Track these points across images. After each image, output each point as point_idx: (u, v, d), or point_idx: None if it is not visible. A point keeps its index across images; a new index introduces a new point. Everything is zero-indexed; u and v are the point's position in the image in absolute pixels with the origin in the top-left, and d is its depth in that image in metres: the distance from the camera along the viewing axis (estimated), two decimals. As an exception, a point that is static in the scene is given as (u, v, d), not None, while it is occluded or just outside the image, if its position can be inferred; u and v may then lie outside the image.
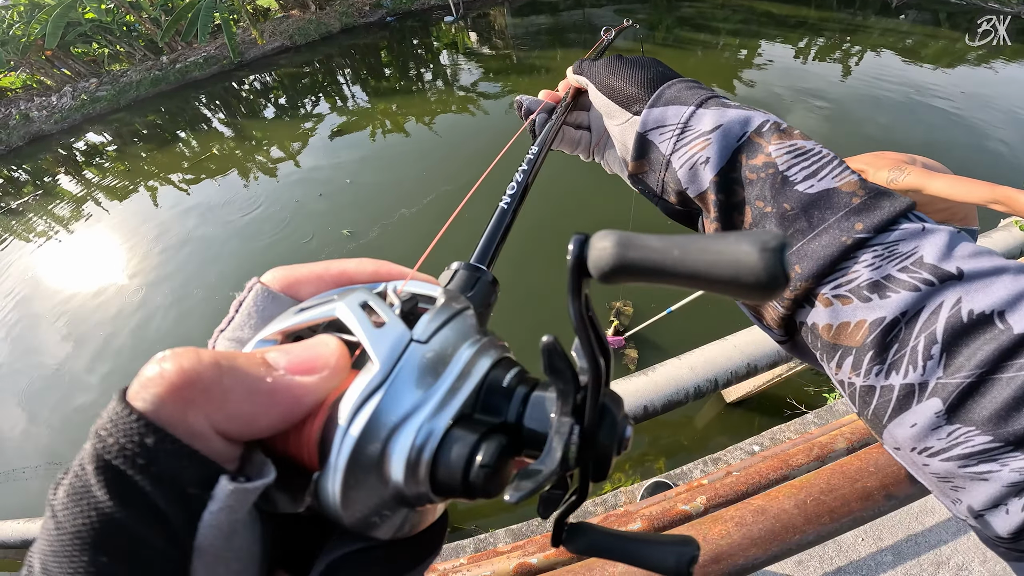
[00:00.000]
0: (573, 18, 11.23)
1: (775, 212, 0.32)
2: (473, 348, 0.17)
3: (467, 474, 0.15)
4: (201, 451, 0.14)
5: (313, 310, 0.18)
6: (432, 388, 0.16)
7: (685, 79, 0.40)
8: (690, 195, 0.37)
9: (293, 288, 0.21)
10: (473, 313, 0.19)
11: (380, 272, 0.22)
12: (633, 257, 0.14)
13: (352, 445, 0.15)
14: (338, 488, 0.15)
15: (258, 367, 0.15)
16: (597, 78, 0.44)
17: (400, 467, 0.15)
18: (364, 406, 0.15)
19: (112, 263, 5.68)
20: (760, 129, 0.34)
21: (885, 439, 0.30)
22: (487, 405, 0.17)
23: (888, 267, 0.28)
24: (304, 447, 0.16)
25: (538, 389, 0.17)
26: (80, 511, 0.12)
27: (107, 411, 0.14)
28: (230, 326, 0.21)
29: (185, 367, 0.14)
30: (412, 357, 0.16)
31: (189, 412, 0.14)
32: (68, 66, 11.55)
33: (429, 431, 0.15)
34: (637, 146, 0.39)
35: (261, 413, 0.15)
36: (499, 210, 0.32)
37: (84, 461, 0.13)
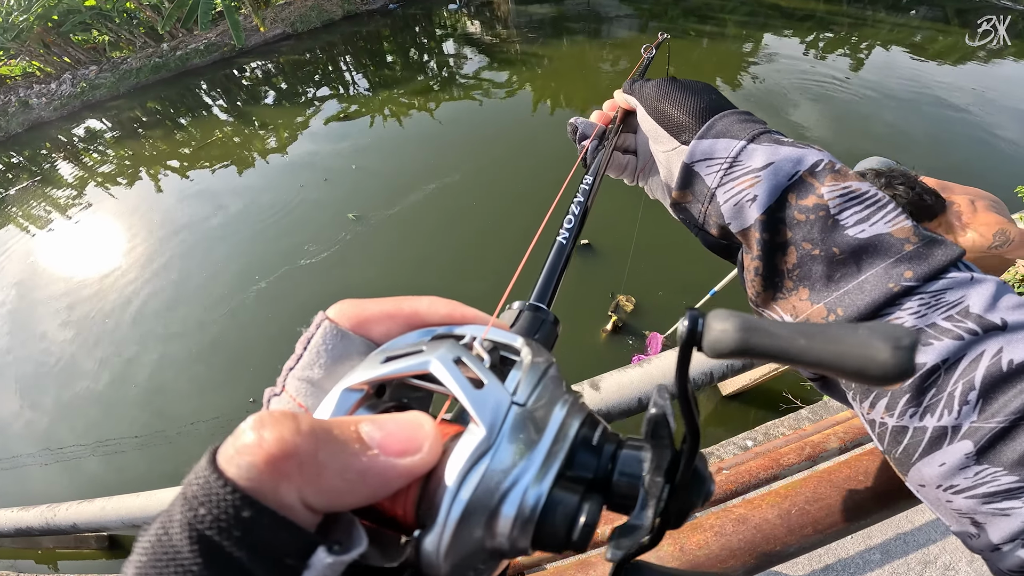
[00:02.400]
0: (577, 8, 11.08)
1: (823, 255, 0.32)
2: (565, 408, 0.18)
3: (570, 533, 0.16)
4: (296, 523, 0.13)
5: (402, 362, 0.18)
6: (534, 450, 0.17)
7: (738, 111, 0.39)
8: (732, 230, 0.37)
9: (363, 327, 0.21)
10: (556, 368, 0.19)
11: (454, 315, 0.21)
12: (756, 343, 0.14)
13: (463, 508, 0.15)
14: (444, 547, 0.15)
15: (353, 443, 0.15)
16: (647, 101, 0.43)
17: (507, 528, 0.16)
18: (473, 470, 0.16)
19: (111, 249, 5.68)
20: (813, 169, 0.34)
21: (910, 476, 0.30)
22: (578, 462, 0.18)
23: (933, 315, 0.29)
24: (398, 505, 0.16)
25: (625, 447, 0.18)
26: (168, 572, 0.12)
27: (198, 474, 0.13)
28: (299, 365, 0.20)
29: (286, 438, 0.13)
30: (513, 420, 0.17)
31: (282, 484, 0.13)
32: (68, 53, 11.47)
33: (537, 494, 0.16)
34: (682, 176, 0.39)
35: (350, 491, 0.15)
36: (557, 245, 0.31)
37: (170, 526, 0.13)
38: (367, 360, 0.19)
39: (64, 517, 2.46)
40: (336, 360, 0.20)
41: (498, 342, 0.20)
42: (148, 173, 7.06)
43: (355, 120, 7.34)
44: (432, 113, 7.18)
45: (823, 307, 0.33)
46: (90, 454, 3.73)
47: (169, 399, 3.97)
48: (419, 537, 0.15)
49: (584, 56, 8.77)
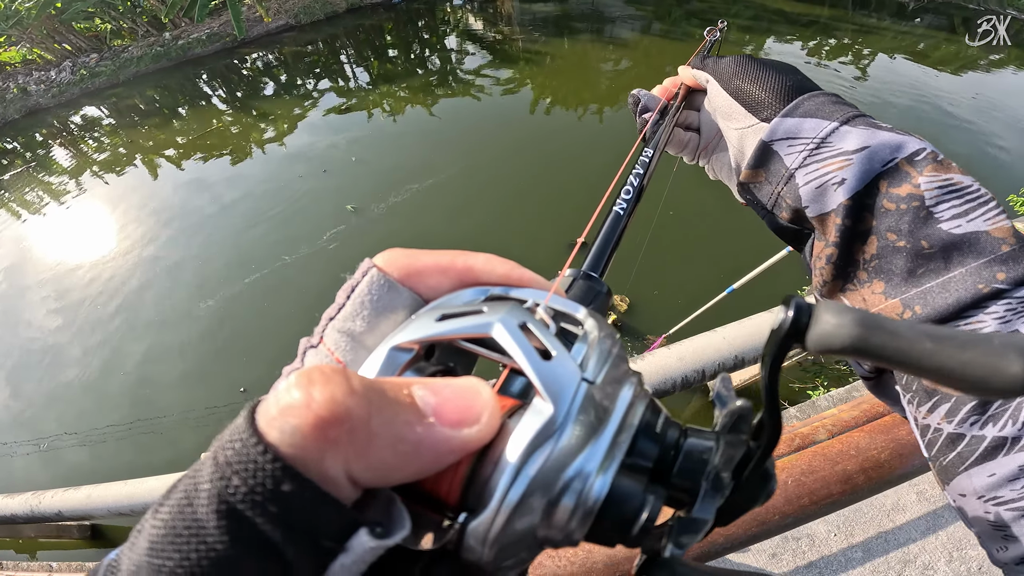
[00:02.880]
0: (581, 7, 11.08)
1: (909, 248, 0.31)
2: (631, 391, 0.16)
3: (631, 527, 0.15)
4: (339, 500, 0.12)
5: (459, 321, 0.17)
6: (601, 435, 0.15)
7: (826, 92, 0.38)
8: (808, 214, 0.35)
9: (413, 279, 0.19)
10: (620, 345, 0.18)
11: (511, 276, 0.20)
12: (876, 342, 0.13)
13: (522, 492, 0.14)
14: (495, 532, 0.14)
15: (407, 410, 0.13)
16: (723, 77, 0.41)
17: (565, 518, 0.15)
18: (538, 451, 0.14)
19: (103, 236, 5.64)
20: (913, 157, 0.32)
21: (953, 484, 0.29)
22: (638, 449, 0.16)
23: (1018, 322, 0.27)
24: (442, 483, 0.15)
25: (689, 436, 0.17)
26: (189, 552, 0.11)
27: (232, 437, 0.12)
28: (340, 315, 0.19)
29: (337, 399, 0.12)
30: (583, 399, 0.15)
31: (328, 454, 0.12)
32: (70, 41, 11.41)
33: (602, 484, 0.15)
34: (758, 155, 0.37)
35: (400, 466, 0.13)
36: (613, 215, 0.30)
37: (196, 497, 0.11)
38: (419, 316, 0.18)
39: (49, 505, 2.43)
40: (381, 313, 0.18)
41: (559, 310, 0.18)
42: (144, 161, 7.02)
43: (355, 113, 7.32)
44: (430, 109, 7.18)
45: (899, 302, 0.31)
46: (76, 444, 3.69)
47: (157, 389, 3.93)
48: (466, 520, 0.14)
49: (586, 56, 8.77)
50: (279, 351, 3.95)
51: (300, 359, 0.19)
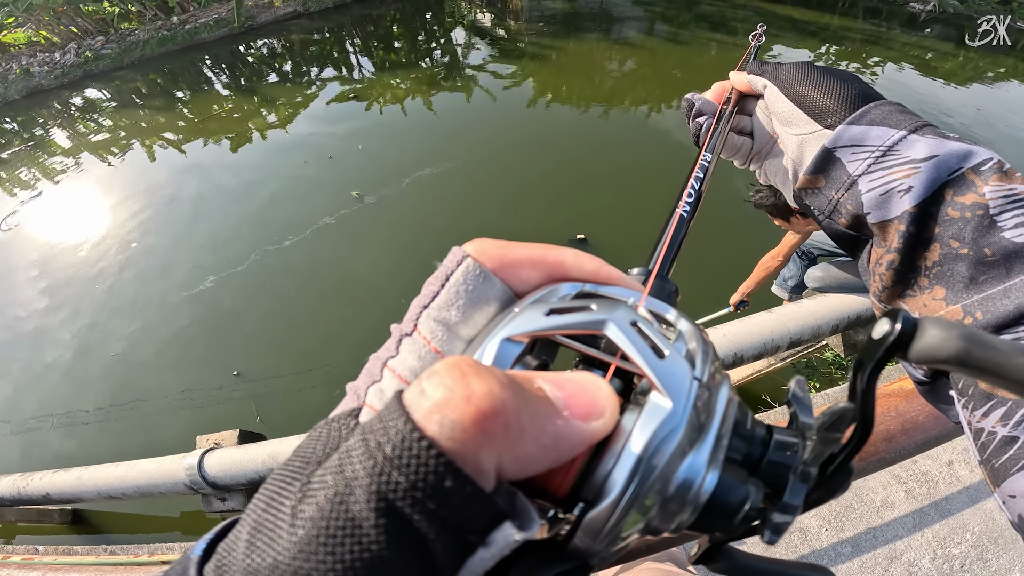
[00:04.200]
0: (590, 6, 11.07)
1: (971, 255, 0.31)
2: (727, 390, 0.17)
3: (734, 516, 0.16)
4: (490, 495, 0.12)
5: (571, 316, 0.17)
6: (707, 431, 0.16)
7: (892, 101, 0.38)
8: (870, 221, 0.36)
9: (506, 270, 0.19)
10: (713, 346, 0.19)
11: (600, 273, 0.20)
12: (978, 355, 0.14)
13: (645, 485, 0.15)
14: (613, 523, 0.15)
15: (545, 404, 0.14)
16: (785, 83, 0.42)
17: (678, 509, 0.15)
18: (661, 447, 0.15)
19: (99, 218, 5.59)
20: (980, 167, 0.33)
21: (1005, 485, 0.30)
22: (733, 445, 0.17)
23: None
24: (558, 475, 0.15)
25: (776, 434, 0.18)
26: (343, 554, 0.11)
27: (387, 429, 0.12)
28: (435, 303, 0.18)
29: (495, 393, 0.12)
30: (695, 398, 0.16)
31: (484, 448, 0.12)
32: (77, 24, 11.34)
33: (712, 477, 0.16)
34: (819, 160, 0.38)
35: (541, 458, 0.13)
36: (678, 218, 0.32)
37: (350, 495, 0.11)
38: (527, 309, 0.18)
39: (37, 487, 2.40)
40: (475, 304, 0.18)
41: (654, 311, 0.18)
42: (143, 144, 6.98)
43: (360, 102, 7.31)
44: (430, 103, 7.15)
45: (959, 308, 0.32)
46: (57, 426, 3.63)
47: (147, 371, 3.89)
48: (583, 511, 0.15)
49: (591, 55, 8.76)
50: (278, 332, 3.95)
51: (395, 347, 0.19)
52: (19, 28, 11.24)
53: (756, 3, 11.39)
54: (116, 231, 5.32)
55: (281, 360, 3.71)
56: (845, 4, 11.85)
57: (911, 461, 1.55)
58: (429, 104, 7.08)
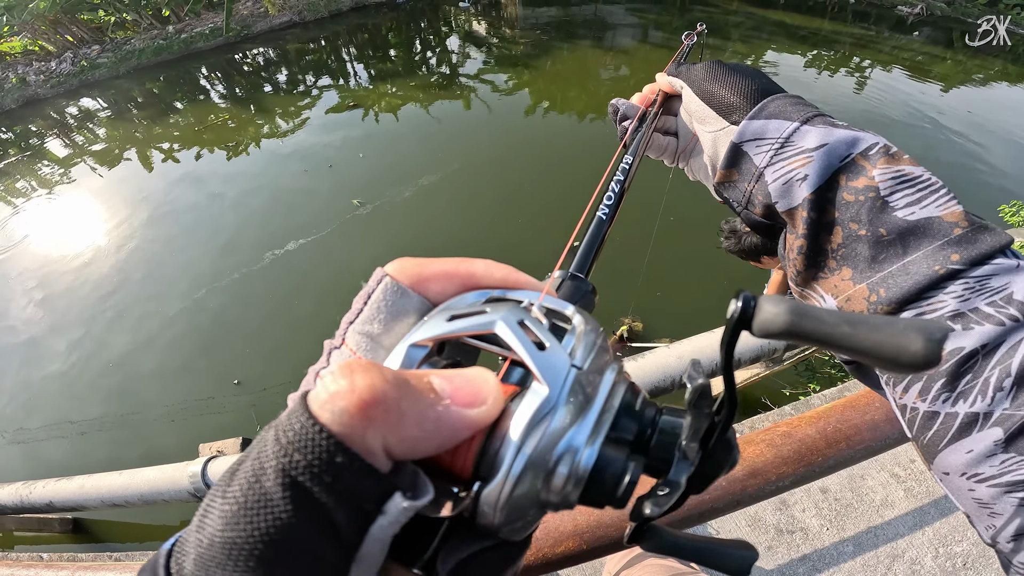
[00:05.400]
0: (585, 13, 11.16)
1: (869, 235, 0.33)
2: (613, 374, 0.19)
3: (615, 490, 0.17)
4: (379, 469, 0.14)
5: (466, 320, 0.19)
6: (588, 412, 0.18)
7: (789, 94, 0.40)
8: (778, 209, 0.37)
9: (421, 284, 0.21)
10: (604, 336, 0.20)
11: (508, 279, 0.22)
12: (804, 326, 0.15)
13: (526, 461, 0.16)
14: (504, 498, 0.16)
15: (428, 393, 0.16)
16: (695, 82, 0.44)
17: (561, 483, 0.17)
18: (538, 427, 0.17)
19: (95, 229, 5.58)
20: (867, 152, 0.34)
21: (936, 464, 0.30)
22: (620, 425, 0.19)
23: (976, 300, 0.29)
24: (458, 459, 0.17)
25: (663, 414, 0.19)
26: (259, 523, 0.13)
27: (291, 420, 0.14)
28: (359, 319, 0.21)
29: (376, 384, 0.14)
30: (573, 382, 0.18)
31: (369, 430, 0.14)
32: (72, 33, 11.36)
33: (591, 454, 0.17)
34: (730, 155, 0.40)
35: (425, 439, 0.15)
36: (597, 220, 0.33)
37: (263, 474, 0.13)
38: (431, 317, 0.20)
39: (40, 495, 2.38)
40: (394, 316, 0.20)
41: (551, 308, 0.20)
42: (138, 154, 6.97)
43: (358, 111, 7.33)
44: (426, 108, 7.19)
45: (865, 287, 0.33)
46: (54, 436, 3.62)
47: (145, 382, 3.87)
48: (479, 488, 0.16)
49: (586, 61, 8.83)
50: (278, 340, 3.94)
51: (326, 359, 0.21)
52: (15, 37, 11.25)
53: (748, 8, 11.53)
54: (113, 241, 5.31)
55: (281, 368, 3.70)
56: (835, 8, 12.02)
57: (909, 460, 1.57)
58: (427, 112, 7.11)
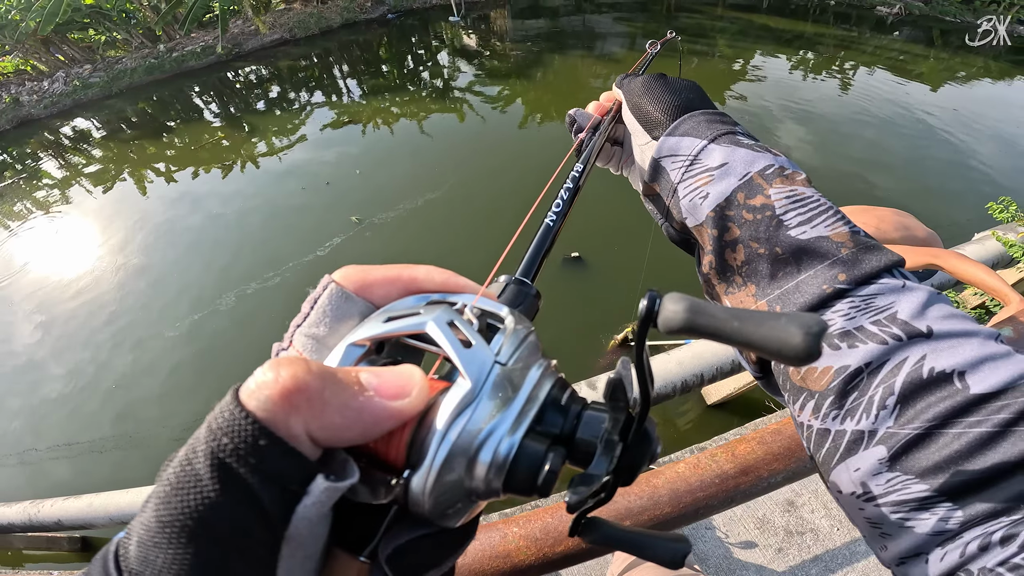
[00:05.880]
0: (573, 24, 11.32)
1: (767, 254, 0.34)
2: (539, 370, 0.20)
3: (536, 478, 0.18)
4: (302, 452, 0.15)
5: (401, 322, 0.20)
6: (510, 405, 0.19)
7: (709, 111, 0.41)
8: (688, 225, 0.38)
9: (366, 290, 0.22)
10: (535, 335, 0.21)
11: (448, 284, 0.23)
12: (699, 322, 0.17)
13: (448, 450, 0.17)
14: (430, 484, 0.17)
15: (353, 385, 0.17)
16: (630, 97, 0.45)
17: (483, 471, 0.18)
18: (459, 418, 0.18)
19: (92, 250, 5.57)
20: (764, 171, 0.35)
21: (830, 482, 0.30)
22: (547, 419, 0.20)
23: (861, 318, 0.29)
24: (391, 449, 0.18)
25: (588, 408, 0.20)
26: (190, 501, 0.14)
27: (221, 409, 0.15)
28: (306, 322, 0.22)
29: (298, 375, 0.15)
30: (496, 377, 0.19)
31: (292, 416, 0.15)
32: (63, 52, 11.39)
33: (510, 443, 0.18)
34: (651, 169, 0.41)
35: (348, 426, 0.16)
36: (544, 226, 0.33)
37: (194, 457, 0.14)
38: (370, 319, 0.21)
39: (48, 513, 2.37)
40: (339, 319, 0.21)
41: (486, 310, 0.21)
42: (134, 175, 6.98)
43: (355, 126, 7.36)
44: (422, 122, 7.25)
45: (766, 303, 0.34)
46: (57, 456, 3.61)
47: (143, 403, 3.87)
48: (408, 476, 0.17)
49: (576, 71, 8.94)
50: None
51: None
52: (7, 56, 11.26)
53: (733, 13, 11.75)
54: (112, 264, 5.30)
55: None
56: (816, 11, 12.27)
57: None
58: (421, 128, 7.16)
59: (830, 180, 5.36)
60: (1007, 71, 8.84)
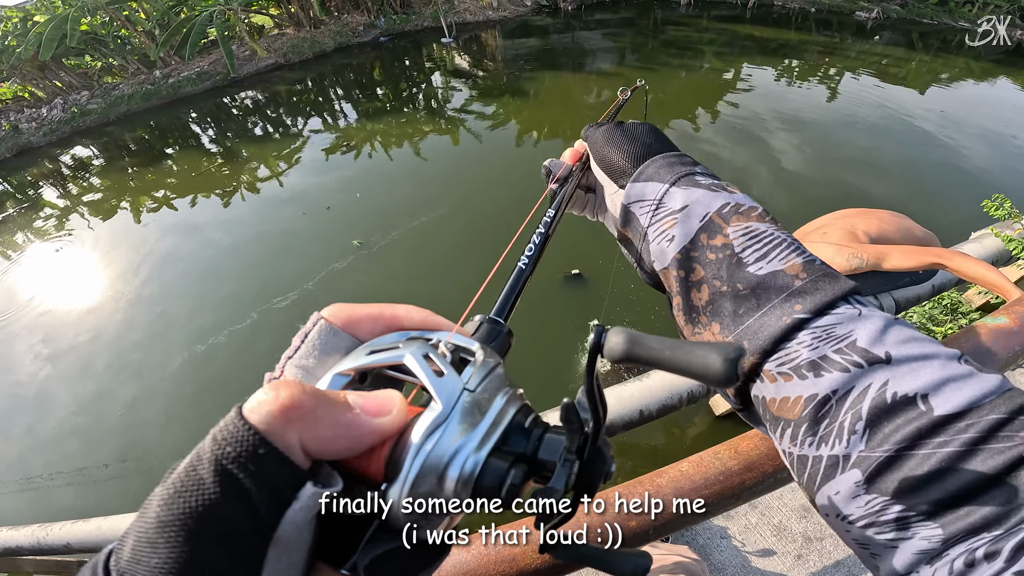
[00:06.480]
0: (563, 42, 11.54)
1: (730, 291, 0.34)
2: (505, 398, 0.23)
3: (499, 491, 0.20)
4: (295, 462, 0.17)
5: (382, 354, 0.23)
6: (477, 426, 0.21)
7: (668, 154, 0.42)
8: (656, 269, 0.40)
9: (352, 326, 0.25)
10: (502, 367, 0.24)
11: (428, 322, 0.26)
12: (637, 352, 0.20)
13: (420, 465, 0.19)
14: (404, 496, 0.19)
15: (342, 403, 0.20)
16: (595, 148, 0.46)
17: (453, 483, 0.20)
18: (431, 436, 0.20)
19: (94, 280, 5.60)
20: (721, 210, 0.36)
21: (818, 506, 0.31)
22: (512, 440, 0.22)
23: (824, 348, 0.30)
24: (372, 465, 0.20)
25: (549, 432, 0.22)
26: (192, 502, 0.15)
27: (226, 422, 0.17)
28: (296, 354, 0.24)
29: (295, 394, 0.18)
30: (464, 402, 0.21)
31: (288, 430, 0.17)
32: (60, 78, 11.51)
33: (476, 460, 0.20)
34: (622, 216, 0.42)
35: (337, 439, 0.19)
36: (517, 270, 0.35)
37: (199, 464, 0.16)
38: (355, 352, 0.24)
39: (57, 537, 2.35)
40: (327, 353, 0.24)
41: (459, 345, 0.24)
42: (133, 203, 7.02)
43: (352, 151, 7.40)
44: (418, 148, 7.29)
45: (732, 340, 0.34)
46: (64, 484, 3.62)
47: (147, 431, 3.88)
48: (385, 488, 0.19)
49: (568, 87, 9.08)
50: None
51: None
52: (4, 83, 11.37)
53: (718, 25, 12.01)
54: (114, 294, 5.31)
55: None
56: (798, 18, 12.55)
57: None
58: (417, 150, 7.21)
59: (824, 187, 5.43)
60: (989, 71, 9.02)
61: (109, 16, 11.09)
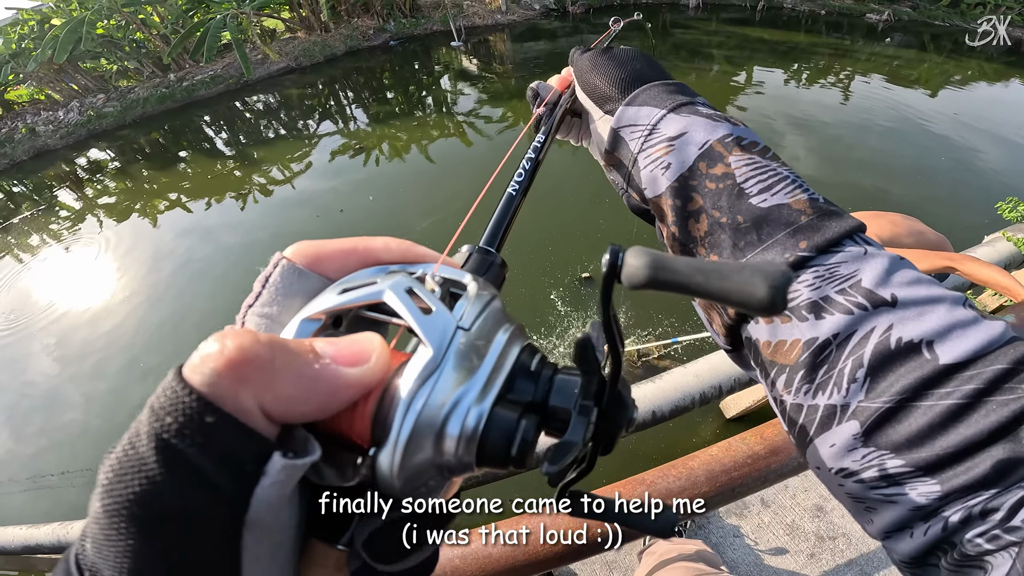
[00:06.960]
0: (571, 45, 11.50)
1: (729, 223, 0.32)
2: (506, 335, 0.19)
3: (509, 449, 0.17)
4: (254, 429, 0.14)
5: (357, 292, 0.19)
6: (477, 372, 0.18)
7: (668, 83, 0.40)
8: (647, 196, 0.38)
9: (319, 264, 0.21)
10: (499, 300, 0.21)
11: (408, 255, 0.22)
12: (663, 277, 0.16)
13: (413, 423, 0.16)
14: (397, 461, 0.16)
15: (307, 353, 0.16)
16: (580, 74, 0.44)
17: (453, 442, 0.17)
18: (423, 387, 0.16)
19: (107, 281, 5.66)
20: (723, 139, 0.34)
21: (808, 458, 0.30)
22: (517, 386, 0.19)
23: (827, 288, 0.28)
24: (355, 426, 0.17)
25: (560, 373, 0.19)
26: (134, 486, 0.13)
27: (163, 387, 0.14)
28: (258, 301, 0.21)
29: (244, 345, 0.14)
30: (459, 343, 0.18)
31: (241, 389, 0.14)
32: (76, 81, 11.72)
33: (479, 412, 0.17)
34: (611, 139, 0.40)
35: (304, 398, 0.15)
36: (507, 196, 0.33)
37: (137, 440, 0.13)
38: (324, 292, 0.20)
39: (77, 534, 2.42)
40: (293, 297, 0.20)
41: (448, 278, 0.20)
42: (148, 206, 7.10)
43: (362, 153, 7.43)
44: (429, 147, 7.33)
45: None
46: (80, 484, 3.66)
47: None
48: (374, 454, 0.16)
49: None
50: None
51: None
52: (21, 85, 11.57)
53: (728, 28, 11.97)
54: (129, 295, 5.38)
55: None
56: (808, 21, 12.47)
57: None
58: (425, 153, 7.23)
59: (836, 189, 5.40)
60: (1003, 72, 8.91)
61: (125, 20, 11.28)
